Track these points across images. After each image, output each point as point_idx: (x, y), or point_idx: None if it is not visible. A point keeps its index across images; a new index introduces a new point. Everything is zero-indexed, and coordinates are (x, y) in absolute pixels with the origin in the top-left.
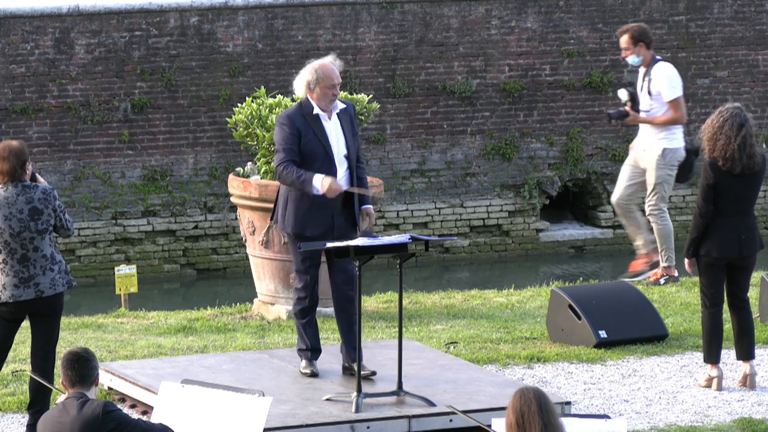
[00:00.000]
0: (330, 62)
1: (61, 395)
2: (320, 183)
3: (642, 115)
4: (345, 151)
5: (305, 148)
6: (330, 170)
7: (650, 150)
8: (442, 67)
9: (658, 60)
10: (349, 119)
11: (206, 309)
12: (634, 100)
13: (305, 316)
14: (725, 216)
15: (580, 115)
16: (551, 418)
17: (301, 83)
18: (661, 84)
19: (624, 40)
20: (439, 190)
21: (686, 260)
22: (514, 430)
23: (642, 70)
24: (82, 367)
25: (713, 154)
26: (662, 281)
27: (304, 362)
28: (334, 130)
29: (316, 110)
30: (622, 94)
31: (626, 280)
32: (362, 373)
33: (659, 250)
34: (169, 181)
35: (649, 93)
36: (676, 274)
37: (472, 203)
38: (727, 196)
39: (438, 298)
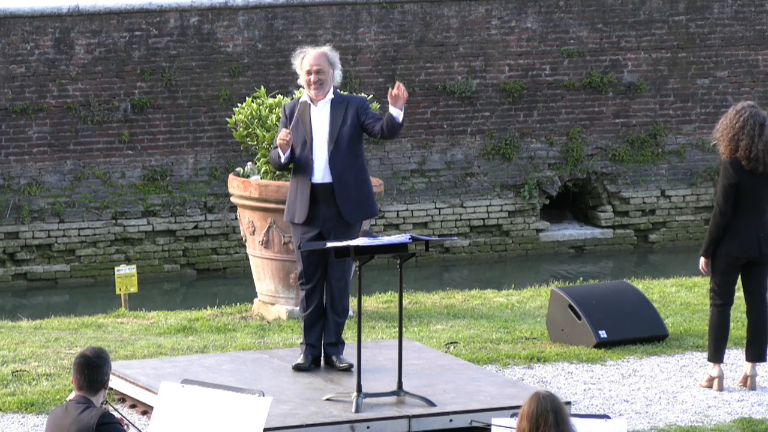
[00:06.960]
0: (315, 49)
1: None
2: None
3: None
4: (328, 139)
5: (292, 133)
6: (309, 156)
7: None
8: (442, 67)
9: None
10: (343, 109)
11: (206, 309)
12: None
13: (305, 310)
14: (743, 215)
15: (580, 115)
16: (566, 429)
17: None
18: None
19: None
20: (439, 190)
21: (702, 259)
22: None
23: None
24: (92, 372)
25: (735, 154)
26: None
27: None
28: (319, 118)
29: (304, 98)
30: None
31: None
32: (341, 366)
33: None
34: (169, 181)
35: None
36: None
37: (472, 203)
38: (747, 195)
39: (438, 298)
